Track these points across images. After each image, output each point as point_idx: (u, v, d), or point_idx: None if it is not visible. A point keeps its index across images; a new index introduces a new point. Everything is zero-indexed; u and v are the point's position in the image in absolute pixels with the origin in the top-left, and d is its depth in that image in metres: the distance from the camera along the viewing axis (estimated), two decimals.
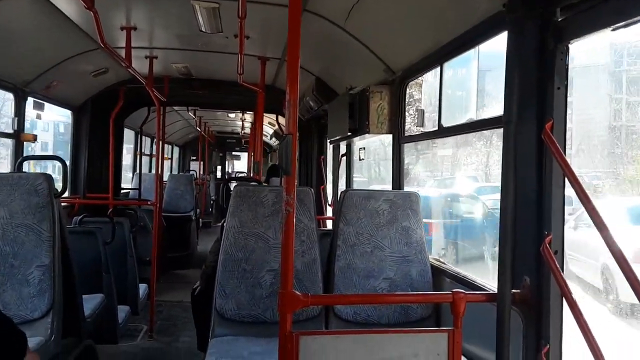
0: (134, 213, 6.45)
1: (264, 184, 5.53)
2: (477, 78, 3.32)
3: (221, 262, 3.44)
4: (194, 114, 11.65)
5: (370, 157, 8.65)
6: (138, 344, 5.59)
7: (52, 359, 3.02)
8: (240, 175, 16.01)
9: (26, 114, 5.47)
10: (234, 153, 21.50)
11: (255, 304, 3.40)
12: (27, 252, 3.17)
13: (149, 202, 6.91)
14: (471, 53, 3.24)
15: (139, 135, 9.46)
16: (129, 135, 9.59)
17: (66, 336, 3.18)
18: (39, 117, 5.95)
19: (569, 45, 2.33)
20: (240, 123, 13.22)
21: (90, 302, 4.16)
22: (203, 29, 4.78)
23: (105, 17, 4.10)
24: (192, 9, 4.22)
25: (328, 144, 7.07)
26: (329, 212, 7.02)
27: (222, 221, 3.73)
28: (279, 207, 3.52)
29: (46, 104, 5.97)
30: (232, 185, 4.66)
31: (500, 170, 2.42)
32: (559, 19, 2.30)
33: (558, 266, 2.31)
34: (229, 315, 3.37)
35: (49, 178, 3.24)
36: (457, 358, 2.35)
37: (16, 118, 5.28)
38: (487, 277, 3.22)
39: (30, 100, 5.53)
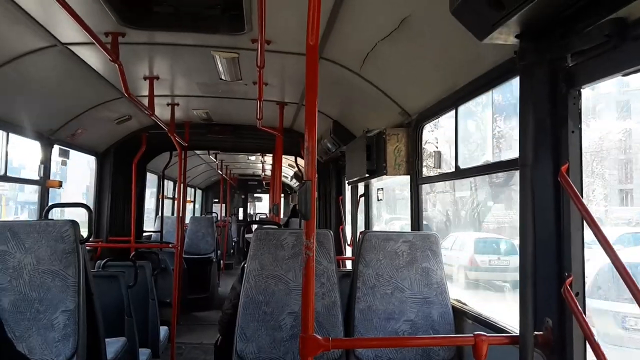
0: (155, 256, 6.53)
1: (282, 226, 5.58)
2: (492, 121, 3.38)
3: (242, 305, 3.47)
4: (216, 158, 11.84)
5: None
6: None
7: None
8: (260, 218, 16.07)
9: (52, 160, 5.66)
10: (255, 195, 21.66)
11: (276, 347, 3.41)
12: (52, 298, 3.23)
13: (170, 245, 6.99)
14: (485, 96, 3.30)
15: (162, 179, 9.63)
16: (151, 179, 9.78)
17: None
18: (64, 163, 6.12)
19: (581, 90, 2.37)
20: (260, 165, 13.39)
21: (113, 346, 4.19)
22: (223, 77, 4.92)
23: (129, 68, 4.26)
24: (213, 59, 4.37)
25: (346, 184, 7.13)
26: (348, 251, 7.03)
27: (242, 264, 3.77)
28: (299, 249, 3.57)
29: (71, 151, 6.17)
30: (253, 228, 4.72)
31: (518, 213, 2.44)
32: (570, 65, 2.35)
33: (580, 308, 2.30)
34: (249, 358, 3.38)
35: (75, 224, 3.33)
36: None
37: (42, 165, 5.44)
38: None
39: (55, 148, 5.71)
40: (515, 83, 2.70)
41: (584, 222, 2.33)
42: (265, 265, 3.54)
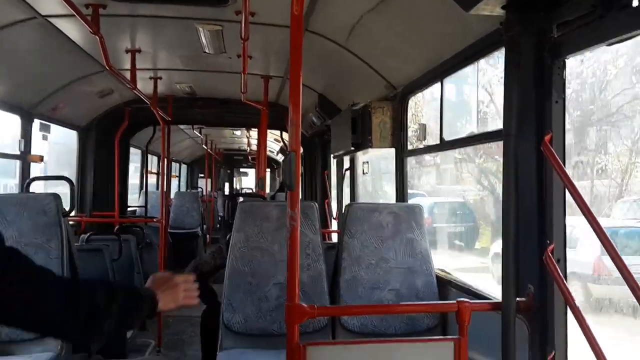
0: (140, 230, 6.51)
1: (269, 200, 5.60)
2: (477, 93, 3.39)
3: (228, 277, 3.50)
4: (200, 132, 11.77)
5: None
6: (146, 359, 5.62)
7: None
8: (245, 191, 16.05)
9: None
10: (241, 170, 21.55)
11: (262, 317, 3.45)
12: None
13: (154, 220, 6.97)
14: (471, 68, 3.32)
15: (145, 154, 9.55)
16: (135, 153, 9.69)
17: (76, 352, 3.22)
18: (45, 138, 6.04)
19: (566, 60, 2.39)
20: (246, 140, 13.33)
21: None
22: (207, 51, 4.87)
23: (110, 40, 4.19)
24: (196, 32, 4.32)
25: (332, 158, 7.15)
26: (334, 225, 7.08)
27: (227, 237, 3.79)
28: (284, 221, 3.57)
29: (52, 125, 6.08)
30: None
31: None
32: (556, 36, 2.36)
33: (561, 274, 2.35)
34: (236, 328, 3.42)
35: (57, 197, 3.31)
36: None
37: (23, 140, 5.37)
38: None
39: (36, 122, 5.63)
40: (500, 54, 2.71)
41: (566, 191, 2.37)
42: (251, 237, 3.56)
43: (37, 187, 4.62)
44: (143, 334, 5.96)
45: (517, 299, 2.44)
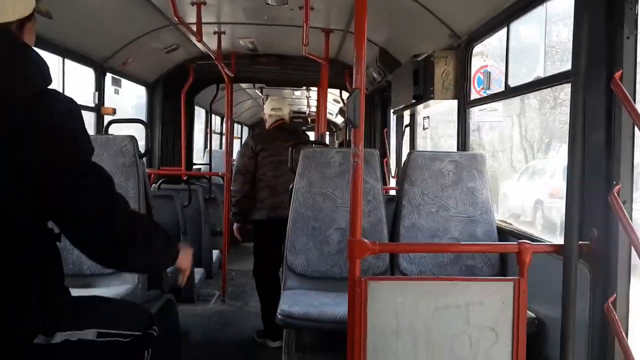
0: (207, 183, 6.75)
1: None
2: (545, 35, 3.29)
3: (291, 220, 3.61)
4: (261, 92, 11.89)
5: None
6: (212, 306, 5.92)
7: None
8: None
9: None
10: None
11: (324, 260, 3.56)
12: None
13: (219, 174, 7.20)
14: (538, 10, 3.21)
15: (209, 113, 9.79)
16: (198, 114, 9.93)
17: (150, 288, 3.43)
18: (117, 92, 6.30)
19: None
20: (305, 101, 13.37)
21: None
22: (269, 2, 4.91)
23: None
24: None
25: (391, 115, 7.10)
26: (392, 183, 7.08)
27: (290, 186, 3.88)
28: (345, 168, 3.64)
29: (122, 80, 6.33)
30: None
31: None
32: None
33: (627, 216, 2.30)
34: (299, 270, 3.55)
35: (133, 140, 3.48)
36: (522, 306, 2.39)
37: (97, 92, 5.63)
38: None
39: (108, 77, 5.87)
40: None
41: (636, 129, 2.30)
42: (313, 182, 3.65)
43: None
44: (208, 283, 6.25)
45: (580, 242, 2.41)
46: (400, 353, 2.24)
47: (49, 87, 1.74)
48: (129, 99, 7.80)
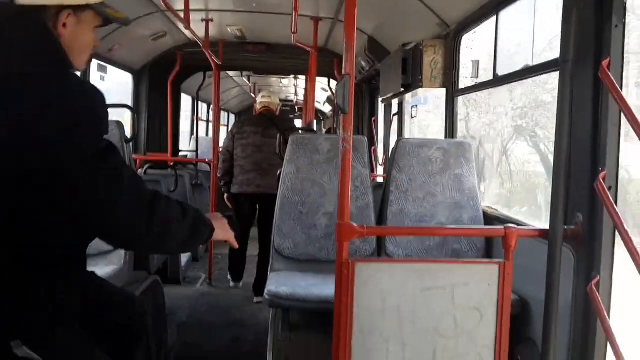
0: (193, 168, 6.73)
1: None
2: (533, 23, 3.32)
3: (279, 205, 3.62)
4: (249, 80, 11.85)
5: None
6: (199, 289, 5.97)
7: (124, 286, 3.28)
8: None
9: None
10: None
11: (311, 244, 3.58)
12: None
13: (206, 160, 7.19)
14: None
15: (196, 101, 9.74)
16: (185, 101, 9.88)
17: (137, 269, 3.43)
18: (102, 79, 6.24)
19: None
20: (293, 89, 13.36)
21: None
22: None
23: None
24: None
25: (379, 104, 7.13)
26: (380, 171, 7.12)
27: (278, 172, 3.91)
28: (334, 154, 3.66)
29: (108, 67, 6.27)
30: None
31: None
32: None
33: (612, 201, 2.34)
34: (286, 253, 3.57)
35: (120, 125, 3.46)
36: (507, 289, 2.43)
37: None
38: None
39: (94, 63, 5.81)
40: None
41: (622, 116, 2.34)
42: (301, 168, 3.66)
43: None
44: (194, 266, 6.25)
45: (565, 226, 2.45)
46: (387, 333, 2.27)
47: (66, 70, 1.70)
48: (114, 85, 7.72)
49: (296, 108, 16.93)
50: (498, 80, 3.68)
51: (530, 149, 9.69)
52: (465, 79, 4.47)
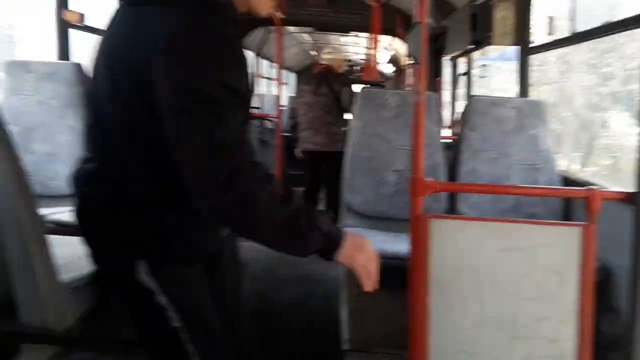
0: (258, 124, 6.81)
1: None
2: None
3: (349, 159, 3.60)
4: (311, 38, 11.74)
5: None
6: None
7: None
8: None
9: None
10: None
11: (381, 201, 3.54)
12: None
13: (269, 116, 7.25)
14: None
15: (258, 58, 9.76)
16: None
17: None
18: None
19: None
20: (354, 48, 13.18)
21: None
22: None
23: None
24: None
25: (444, 64, 6.94)
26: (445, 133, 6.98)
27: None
28: (402, 110, 3.59)
29: None
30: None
31: None
32: None
33: None
34: (356, 209, 3.55)
35: None
36: (590, 253, 2.34)
37: None
38: None
39: None
40: None
41: None
42: (369, 123, 3.61)
43: None
44: None
45: None
46: (465, 292, 2.24)
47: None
48: None
49: (356, 68, 16.72)
50: (577, 37, 3.48)
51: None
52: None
